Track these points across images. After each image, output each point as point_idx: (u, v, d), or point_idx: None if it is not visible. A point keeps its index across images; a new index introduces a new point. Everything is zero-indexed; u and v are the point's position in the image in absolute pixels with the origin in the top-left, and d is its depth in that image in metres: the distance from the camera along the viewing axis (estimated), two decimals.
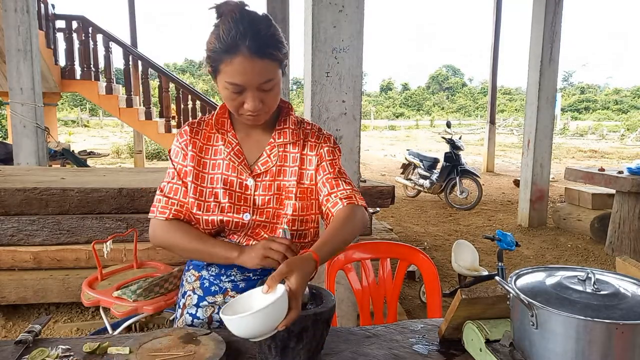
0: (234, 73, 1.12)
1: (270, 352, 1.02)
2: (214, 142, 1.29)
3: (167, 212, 1.26)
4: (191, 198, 1.25)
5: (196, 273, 1.32)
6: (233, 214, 1.24)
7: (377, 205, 3.78)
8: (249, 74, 1.11)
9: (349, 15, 2.47)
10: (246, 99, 1.15)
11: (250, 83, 1.13)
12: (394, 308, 1.84)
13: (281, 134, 1.29)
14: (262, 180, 1.27)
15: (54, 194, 3.18)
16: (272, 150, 1.28)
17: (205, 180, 1.26)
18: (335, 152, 1.34)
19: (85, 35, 7.37)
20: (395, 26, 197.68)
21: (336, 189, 1.27)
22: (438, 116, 39.23)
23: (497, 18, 10.76)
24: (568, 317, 0.88)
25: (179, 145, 1.29)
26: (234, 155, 1.27)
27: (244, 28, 1.10)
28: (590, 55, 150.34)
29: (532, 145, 6.32)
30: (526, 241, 5.66)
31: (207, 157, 1.28)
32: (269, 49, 1.12)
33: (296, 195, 1.27)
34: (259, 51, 1.10)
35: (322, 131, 1.36)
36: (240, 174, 1.26)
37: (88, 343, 1.10)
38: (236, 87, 1.14)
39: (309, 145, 1.31)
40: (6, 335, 3.03)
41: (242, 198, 1.25)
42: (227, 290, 1.28)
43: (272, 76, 1.14)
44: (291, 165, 1.29)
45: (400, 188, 8.28)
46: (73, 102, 34.23)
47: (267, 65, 1.12)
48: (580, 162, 14.16)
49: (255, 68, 1.11)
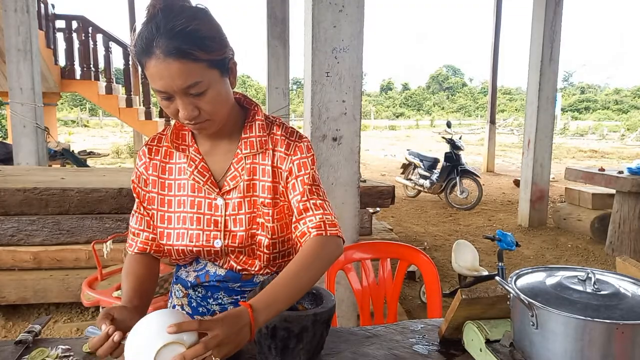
0: (152, 77, 0.97)
1: (270, 352, 1.02)
2: (176, 159, 1.16)
3: (134, 244, 1.20)
4: (159, 228, 1.16)
5: (184, 290, 1.26)
6: (203, 242, 1.13)
7: (377, 205, 3.78)
8: (166, 78, 0.96)
9: (349, 15, 2.47)
10: (178, 106, 1.01)
11: (172, 88, 0.97)
12: (394, 308, 1.84)
13: (247, 143, 1.14)
14: (232, 198, 1.13)
15: (53, 194, 3.18)
16: (240, 162, 1.14)
17: (172, 205, 1.15)
18: (307, 163, 1.15)
19: (85, 35, 7.37)
20: (396, 26, 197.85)
21: (304, 214, 1.11)
22: (438, 116, 39.22)
23: (497, 18, 10.76)
24: (568, 317, 0.88)
25: (139, 169, 1.18)
26: (197, 174, 1.14)
27: (156, 24, 0.94)
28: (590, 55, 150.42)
29: (532, 145, 6.31)
30: (526, 241, 5.66)
31: (171, 177, 1.16)
32: (185, 48, 0.94)
33: (273, 217, 1.13)
34: (173, 51, 0.94)
35: (293, 136, 1.17)
36: (208, 193, 1.13)
37: (88, 343, 1.10)
38: (160, 93, 0.99)
39: (278, 156, 1.15)
40: (6, 335, 3.03)
41: (212, 221, 1.13)
42: (216, 312, 1.22)
43: (197, 79, 0.97)
44: (262, 179, 1.14)
45: (400, 188, 8.28)
46: (73, 102, 34.24)
47: (187, 66, 0.95)
48: (581, 162, 14.16)
49: (172, 70, 0.95)
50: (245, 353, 1.11)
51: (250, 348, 1.12)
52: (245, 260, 1.18)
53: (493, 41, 10.92)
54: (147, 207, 1.19)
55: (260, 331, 1.00)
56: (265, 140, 1.15)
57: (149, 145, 1.19)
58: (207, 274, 1.20)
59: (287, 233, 1.17)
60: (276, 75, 7.20)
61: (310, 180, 1.14)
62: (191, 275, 1.23)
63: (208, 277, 1.20)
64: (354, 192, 2.63)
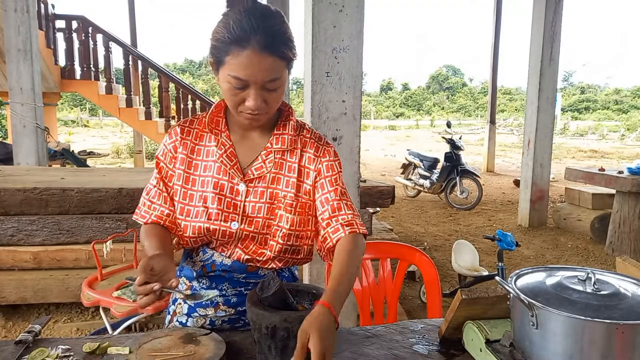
0: (240, 66, 1.05)
1: (270, 352, 1.02)
2: (206, 142, 1.23)
3: (147, 217, 1.23)
4: (180, 203, 1.20)
5: (187, 282, 1.28)
6: (220, 222, 1.17)
7: (377, 205, 3.78)
8: (255, 69, 1.04)
9: (349, 15, 2.47)
10: (248, 96, 1.08)
11: (256, 79, 1.06)
12: (394, 308, 1.84)
13: (279, 139, 1.22)
14: (255, 187, 1.19)
15: (53, 194, 3.18)
16: (268, 155, 1.21)
17: (196, 184, 1.20)
18: (336, 166, 1.25)
19: (85, 35, 7.37)
20: (396, 26, 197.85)
21: (337, 212, 1.20)
22: (438, 116, 39.20)
23: (497, 18, 10.76)
24: (568, 317, 0.88)
25: (167, 146, 1.24)
26: (226, 157, 1.20)
27: (256, 20, 1.03)
28: (590, 55, 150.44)
29: (532, 145, 6.31)
30: (526, 241, 5.66)
31: (199, 158, 1.22)
32: (280, 46, 1.05)
33: (295, 209, 1.20)
34: (269, 47, 1.04)
35: (322, 140, 1.27)
36: (231, 177, 1.19)
37: (88, 343, 1.10)
38: (240, 81, 1.06)
39: (307, 157, 1.23)
40: (6, 335, 3.03)
41: (232, 204, 1.18)
42: (219, 304, 1.24)
43: (278, 75, 1.08)
44: (288, 175, 1.22)
45: (400, 188, 8.28)
46: (73, 102, 34.23)
47: (276, 62, 1.06)
48: (581, 162, 14.16)
49: (263, 64, 1.04)
50: (245, 353, 1.11)
51: (250, 348, 1.12)
52: (255, 250, 1.21)
53: (493, 41, 10.92)
54: (167, 184, 1.23)
55: (260, 331, 1.00)
56: (295, 140, 1.24)
57: (181, 125, 1.25)
58: (214, 264, 1.23)
59: (304, 230, 1.23)
60: None
61: (340, 182, 1.25)
62: (197, 265, 1.25)
63: (214, 267, 1.23)
64: (354, 192, 2.63)
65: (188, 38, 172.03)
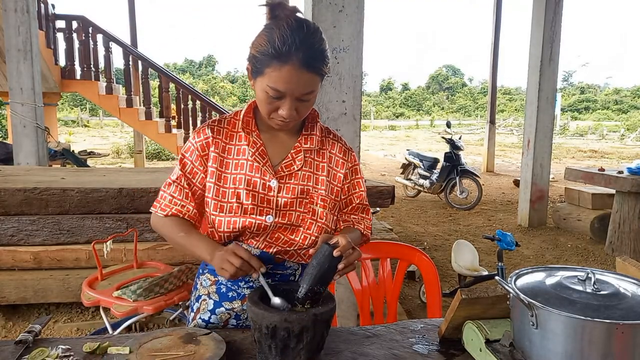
0: (280, 80, 1.11)
1: (270, 352, 1.02)
2: (236, 141, 1.28)
3: (168, 210, 1.26)
4: (213, 200, 1.24)
5: (212, 278, 1.31)
6: (256, 216, 1.23)
7: (377, 205, 3.77)
8: (294, 83, 1.12)
9: (349, 15, 2.47)
10: (282, 105, 1.15)
11: (293, 92, 1.13)
12: (394, 308, 1.84)
13: (308, 139, 1.30)
14: (286, 183, 1.26)
15: (54, 194, 3.18)
16: (298, 154, 1.28)
17: (228, 181, 1.25)
18: (359, 170, 1.37)
19: (85, 35, 7.37)
20: (395, 26, 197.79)
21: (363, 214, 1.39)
22: (438, 116, 39.22)
23: (497, 18, 10.76)
24: (568, 317, 0.88)
25: (195, 144, 1.27)
26: (258, 155, 1.25)
27: (299, 39, 1.09)
28: (590, 55, 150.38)
29: (532, 145, 6.31)
30: (526, 241, 5.66)
31: (230, 157, 1.27)
32: (317, 63, 1.13)
33: (330, 207, 1.29)
34: (309, 64, 1.11)
35: (346, 144, 1.38)
36: (263, 174, 1.25)
37: (88, 343, 1.10)
38: (277, 92, 1.13)
39: (335, 160, 1.33)
40: (6, 335, 3.03)
41: (265, 200, 1.24)
42: (245, 295, 1.27)
43: (314, 88, 1.16)
44: (318, 173, 1.29)
45: (400, 188, 8.28)
46: (73, 102, 34.23)
47: (313, 78, 1.13)
48: (580, 162, 14.16)
49: (302, 79, 1.12)
50: (245, 353, 1.11)
51: (250, 348, 1.12)
52: (286, 240, 1.26)
53: (493, 41, 10.92)
54: (190, 180, 1.27)
55: (261, 331, 1.01)
56: (323, 141, 1.33)
57: (210, 125, 1.29)
58: None
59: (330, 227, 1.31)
60: None
61: (364, 186, 1.38)
62: None
63: None
64: None
65: (188, 38, 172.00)
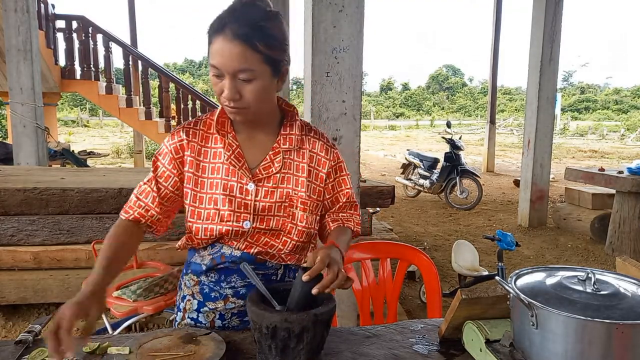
0: (214, 53, 1.08)
1: (270, 352, 1.02)
2: (211, 144, 1.23)
3: (131, 212, 1.25)
4: (190, 206, 1.22)
5: (195, 278, 1.28)
6: (233, 223, 1.19)
7: (377, 205, 3.78)
8: (225, 56, 1.06)
9: (349, 15, 2.47)
10: (224, 87, 1.10)
11: (226, 67, 1.07)
12: (394, 308, 1.84)
13: (287, 139, 1.25)
14: (264, 186, 1.22)
15: (54, 194, 3.18)
16: (276, 155, 1.23)
17: (205, 186, 1.21)
18: (344, 167, 1.34)
19: (85, 35, 7.37)
20: (396, 26, 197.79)
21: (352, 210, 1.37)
22: (438, 116, 39.21)
23: (497, 18, 10.76)
24: (568, 317, 0.88)
25: (168, 146, 1.24)
26: (234, 158, 1.21)
27: (235, 11, 1.07)
28: (590, 55, 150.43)
29: (532, 145, 6.31)
30: (526, 241, 5.66)
31: (206, 160, 1.22)
32: (253, 37, 1.06)
33: (309, 208, 1.24)
34: (241, 35, 1.05)
35: (329, 141, 1.32)
36: (240, 178, 1.21)
37: (88, 343, 1.10)
38: (214, 69, 1.09)
39: (317, 159, 1.28)
40: (6, 335, 3.03)
41: (243, 204, 1.20)
42: (228, 296, 1.25)
43: (250, 66, 1.07)
44: (298, 175, 1.25)
45: (400, 188, 8.28)
46: (73, 102, 34.22)
47: (247, 52, 1.06)
48: (580, 162, 14.16)
49: (233, 52, 1.05)
50: (245, 353, 1.11)
51: (250, 348, 1.12)
52: (266, 242, 1.23)
53: (493, 41, 10.92)
54: (160, 184, 1.24)
55: (261, 331, 1.00)
56: (302, 140, 1.27)
57: (185, 127, 1.24)
58: (223, 255, 1.24)
59: (314, 228, 1.28)
60: None
61: (350, 183, 1.35)
62: (206, 259, 1.25)
63: (224, 258, 1.24)
64: (354, 193, 2.62)
65: (188, 38, 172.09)
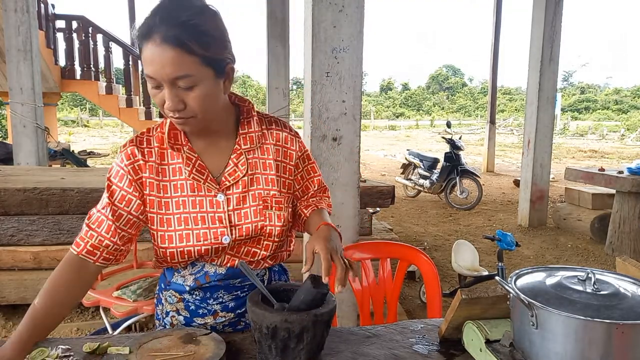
0: (146, 62, 0.97)
1: (270, 352, 1.02)
2: (169, 160, 1.13)
3: (82, 245, 1.12)
4: (159, 231, 1.13)
5: (178, 295, 1.20)
6: (211, 240, 1.12)
7: (377, 205, 3.78)
8: (157, 64, 0.96)
9: (349, 15, 2.47)
10: (165, 97, 1.00)
11: (161, 75, 0.97)
12: (394, 308, 1.84)
13: (246, 139, 1.16)
14: (234, 193, 1.14)
15: (54, 194, 3.18)
16: (239, 158, 1.15)
17: (170, 207, 1.12)
18: (310, 156, 1.28)
19: (85, 35, 7.38)
20: (396, 26, 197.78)
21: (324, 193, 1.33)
22: (438, 116, 39.22)
23: (497, 18, 10.76)
24: (568, 317, 0.88)
25: (124, 167, 1.11)
26: (196, 172, 1.12)
27: (162, 12, 0.96)
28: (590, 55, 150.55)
29: (532, 145, 6.31)
30: (526, 241, 5.66)
31: (166, 179, 1.13)
32: (185, 38, 0.95)
33: (285, 206, 1.19)
34: (170, 38, 0.94)
35: (292, 131, 1.23)
36: (208, 191, 1.12)
37: (88, 343, 1.10)
38: (150, 80, 0.99)
39: (282, 151, 1.20)
40: (6, 335, 3.03)
41: (217, 219, 1.12)
42: (217, 311, 1.20)
43: (188, 72, 0.97)
44: (266, 173, 1.17)
45: (400, 188, 8.28)
46: (73, 102, 34.23)
47: (181, 57, 0.95)
48: (580, 162, 14.16)
49: (166, 57, 0.95)
50: (245, 353, 1.11)
51: (250, 348, 1.12)
52: (248, 251, 1.18)
53: (493, 41, 10.92)
54: (118, 208, 1.12)
55: (261, 331, 1.00)
56: (263, 135, 1.19)
57: (137, 146, 1.13)
58: (207, 275, 1.18)
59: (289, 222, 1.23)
60: (276, 76, 7.20)
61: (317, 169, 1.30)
62: (189, 280, 1.18)
63: (208, 278, 1.18)
64: (354, 192, 2.63)
65: None
